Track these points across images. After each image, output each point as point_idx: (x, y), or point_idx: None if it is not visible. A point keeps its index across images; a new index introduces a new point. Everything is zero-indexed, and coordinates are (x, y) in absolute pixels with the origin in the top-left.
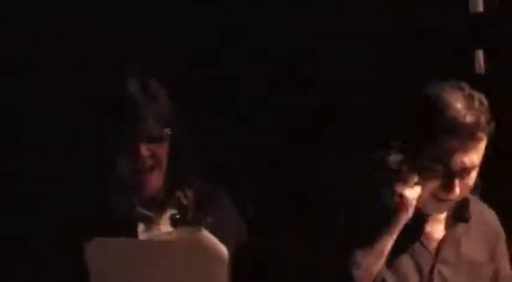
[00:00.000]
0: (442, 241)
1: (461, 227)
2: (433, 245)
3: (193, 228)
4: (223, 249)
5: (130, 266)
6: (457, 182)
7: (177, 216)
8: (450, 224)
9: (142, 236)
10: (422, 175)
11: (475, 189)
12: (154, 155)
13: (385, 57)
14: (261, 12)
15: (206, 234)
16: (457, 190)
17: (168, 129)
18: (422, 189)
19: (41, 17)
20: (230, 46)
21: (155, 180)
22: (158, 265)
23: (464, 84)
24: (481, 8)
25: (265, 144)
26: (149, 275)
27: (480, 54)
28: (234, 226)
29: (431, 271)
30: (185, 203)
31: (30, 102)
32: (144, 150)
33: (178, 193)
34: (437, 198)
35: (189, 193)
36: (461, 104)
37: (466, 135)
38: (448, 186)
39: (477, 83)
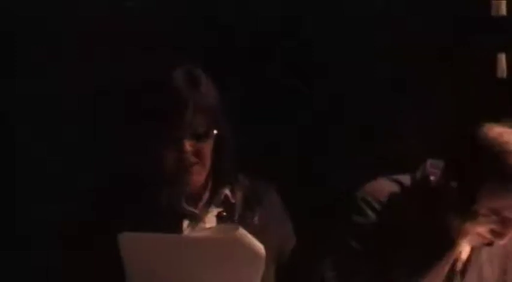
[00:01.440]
0: (467, 263)
1: (485, 251)
2: (459, 266)
3: (230, 226)
4: (260, 249)
5: (164, 262)
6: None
7: (224, 214)
8: (476, 247)
9: (186, 232)
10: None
11: None
12: (198, 152)
13: (405, 61)
14: (261, 11)
15: (243, 232)
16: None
17: (214, 127)
18: (471, 229)
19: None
20: (230, 46)
21: (197, 177)
22: (192, 261)
23: None
24: (503, 12)
25: (266, 144)
26: (183, 271)
27: (502, 58)
28: (280, 228)
29: None
30: (233, 201)
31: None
32: (188, 146)
33: (227, 191)
34: (482, 238)
35: (238, 192)
36: None
37: None
38: (501, 234)
39: (499, 86)
